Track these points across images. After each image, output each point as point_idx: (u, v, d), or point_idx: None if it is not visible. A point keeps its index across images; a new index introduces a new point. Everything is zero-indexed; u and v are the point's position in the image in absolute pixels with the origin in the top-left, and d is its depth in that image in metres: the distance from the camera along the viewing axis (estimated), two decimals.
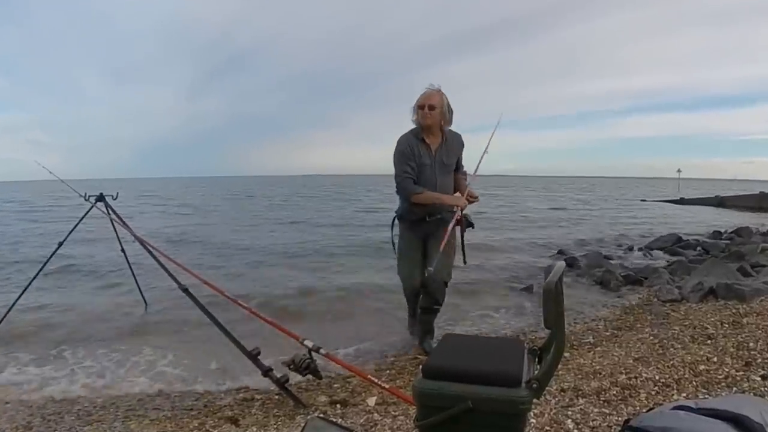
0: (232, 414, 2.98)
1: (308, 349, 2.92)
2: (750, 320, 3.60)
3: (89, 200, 4.69)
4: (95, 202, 4.69)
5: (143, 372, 3.84)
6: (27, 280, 4.88)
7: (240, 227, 14.88)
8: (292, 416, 2.84)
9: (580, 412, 2.11)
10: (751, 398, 1.78)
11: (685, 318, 4.23)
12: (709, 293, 4.99)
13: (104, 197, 4.72)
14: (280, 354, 3.53)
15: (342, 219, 17.48)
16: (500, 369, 1.39)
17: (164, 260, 3.90)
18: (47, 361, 4.06)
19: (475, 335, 3.81)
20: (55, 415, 3.13)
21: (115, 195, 4.86)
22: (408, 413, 2.47)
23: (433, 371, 1.42)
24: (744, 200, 24.63)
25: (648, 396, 2.32)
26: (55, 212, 19.57)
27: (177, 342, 4.45)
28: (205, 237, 12.07)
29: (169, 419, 2.96)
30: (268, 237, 12.33)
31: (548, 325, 1.40)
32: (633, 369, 2.73)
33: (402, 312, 4.59)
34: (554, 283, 1.33)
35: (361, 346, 4.29)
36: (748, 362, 2.62)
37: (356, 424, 2.40)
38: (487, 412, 1.31)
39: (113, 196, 4.82)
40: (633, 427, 1.32)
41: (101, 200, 4.71)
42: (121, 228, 4.74)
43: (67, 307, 5.76)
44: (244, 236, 12.25)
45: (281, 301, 5.99)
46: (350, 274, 7.81)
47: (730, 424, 1.21)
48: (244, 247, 10.42)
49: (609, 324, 4.58)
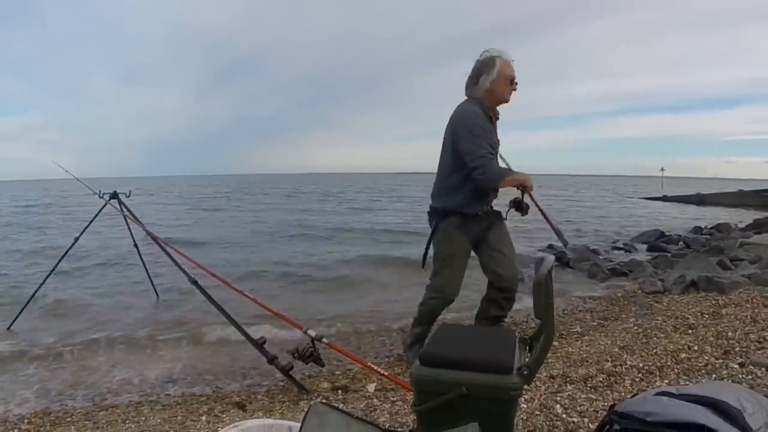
0: (239, 400, 2.98)
1: (311, 339, 2.93)
2: (729, 311, 3.61)
3: (103, 197, 4.69)
4: (109, 199, 4.69)
5: (154, 360, 3.84)
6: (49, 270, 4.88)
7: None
8: (296, 402, 2.85)
9: (568, 397, 2.11)
10: (730, 385, 1.79)
11: (668, 309, 4.24)
12: (691, 285, 5.00)
13: (118, 194, 4.71)
14: (285, 343, 3.54)
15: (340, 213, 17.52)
16: (493, 357, 1.40)
17: (174, 254, 3.90)
18: (63, 349, 4.06)
19: (470, 325, 3.81)
20: (71, 401, 3.14)
21: (128, 192, 4.85)
22: (406, 399, 2.47)
23: (429, 359, 1.42)
24: (724, 198, 24.64)
25: (632, 382, 2.33)
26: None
27: (186, 332, 4.45)
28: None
29: (180, 405, 2.96)
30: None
31: (538, 316, 1.40)
32: (618, 357, 2.74)
33: (398, 305, 4.56)
34: (544, 276, 1.34)
35: (361, 336, 4.30)
36: (727, 351, 2.63)
37: (357, 409, 2.41)
38: (480, 397, 1.32)
39: (126, 193, 4.81)
40: (618, 412, 1.33)
41: (115, 197, 4.70)
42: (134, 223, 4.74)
43: (81, 297, 5.77)
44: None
45: (285, 292, 6.02)
46: (353, 265, 7.83)
47: (710, 408, 1.22)
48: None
49: (596, 314, 4.59)
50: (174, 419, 2.59)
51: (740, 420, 1.19)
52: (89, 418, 2.80)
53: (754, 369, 2.28)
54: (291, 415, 2.57)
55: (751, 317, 3.25)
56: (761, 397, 1.39)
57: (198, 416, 2.64)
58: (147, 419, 2.67)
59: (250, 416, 2.65)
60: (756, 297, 3.98)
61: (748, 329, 2.95)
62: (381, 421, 2.15)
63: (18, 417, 2.87)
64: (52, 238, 11.04)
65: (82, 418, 2.81)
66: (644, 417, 1.25)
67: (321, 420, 1.27)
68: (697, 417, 1.18)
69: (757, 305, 3.67)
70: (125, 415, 2.80)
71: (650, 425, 1.23)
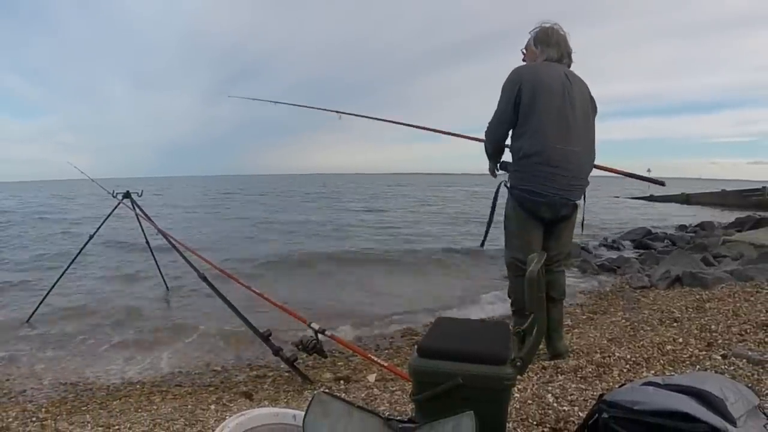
0: (246, 389, 2.99)
1: (314, 331, 2.93)
2: (712, 305, 3.61)
3: (116, 197, 4.69)
4: (122, 198, 4.69)
5: (165, 352, 3.85)
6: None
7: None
8: (300, 391, 2.85)
9: (559, 387, 2.11)
10: (713, 375, 1.79)
11: (654, 303, 4.24)
12: (676, 281, 5.00)
13: (130, 194, 4.71)
14: (289, 335, 3.54)
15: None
16: (488, 349, 1.40)
17: (184, 250, 3.90)
18: (77, 340, 4.07)
19: (465, 318, 3.82)
20: (87, 391, 3.15)
21: (140, 192, 4.85)
22: (405, 389, 2.47)
23: (427, 351, 1.42)
24: (708, 197, 24.64)
25: (620, 373, 2.32)
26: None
27: (196, 325, 4.46)
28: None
29: (190, 394, 2.97)
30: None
31: (531, 310, 1.40)
32: (607, 349, 2.74)
33: (398, 300, 4.56)
34: (536, 272, 1.34)
35: (362, 328, 4.30)
36: (710, 343, 2.63)
37: (358, 399, 2.40)
38: (475, 387, 1.32)
39: (138, 193, 4.81)
40: (607, 401, 1.33)
41: (128, 197, 4.70)
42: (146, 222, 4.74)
43: (94, 291, 5.77)
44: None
45: (289, 286, 6.02)
46: (357, 261, 7.84)
47: (694, 398, 1.22)
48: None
49: (585, 308, 4.59)
50: (184, 408, 2.59)
51: (723, 409, 1.19)
52: (103, 407, 2.80)
53: (735, 360, 2.27)
54: (295, 404, 2.57)
55: (733, 311, 3.25)
56: (743, 387, 1.39)
57: (207, 405, 2.64)
58: (158, 408, 2.67)
59: (256, 405, 2.66)
60: (738, 292, 3.98)
61: (730, 323, 2.95)
62: (381, 409, 2.15)
63: (36, 406, 2.88)
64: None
65: (96, 407, 2.81)
66: (631, 406, 1.25)
67: (324, 409, 1.27)
68: (682, 406, 1.18)
69: (738, 300, 3.67)
70: (138, 404, 2.80)
71: (637, 413, 1.23)
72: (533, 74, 2.43)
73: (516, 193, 2.50)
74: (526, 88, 2.37)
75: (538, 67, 2.49)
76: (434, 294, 5.72)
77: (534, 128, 2.38)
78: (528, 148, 2.40)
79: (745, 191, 23.14)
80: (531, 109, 2.37)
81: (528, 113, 2.38)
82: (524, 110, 2.39)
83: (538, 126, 2.37)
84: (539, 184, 2.41)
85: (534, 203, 2.46)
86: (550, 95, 2.37)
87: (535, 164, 2.39)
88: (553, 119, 2.37)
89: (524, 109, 2.39)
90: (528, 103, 2.37)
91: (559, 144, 2.37)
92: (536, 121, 2.37)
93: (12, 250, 9.06)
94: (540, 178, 2.40)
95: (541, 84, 2.38)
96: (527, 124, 2.40)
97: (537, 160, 2.39)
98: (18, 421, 2.57)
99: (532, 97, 2.36)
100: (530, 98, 2.36)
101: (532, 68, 2.49)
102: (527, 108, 2.38)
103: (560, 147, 2.38)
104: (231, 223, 14.63)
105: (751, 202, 20.34)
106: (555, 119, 2.38)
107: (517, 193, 2.49)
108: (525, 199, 2.47)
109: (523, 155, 2.42)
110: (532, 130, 2.39)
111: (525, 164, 2.43)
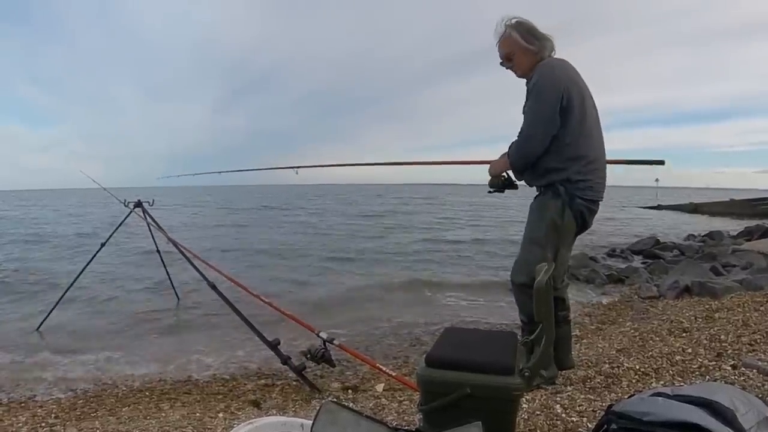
0: (254, 398, 2.98)
1: (323, 340, 2.93)
2: (721, 315, 3.56)
3: (128, 206, 4.73)
4: (134, 207, 4.73)
5: (174, 360, 3.85)
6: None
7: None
8: (308, 400, 2.84)
9: (567, 398, 2.09)
10: (723, 386, 1.77)
11: (663, 313, 4.20)
12: (685, 291, 4.95)
13: (141, 203, 4.75)
14: (298, 344, 3.54)
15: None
16: (495, 359, 1.39)
17: (194, 260, 3.92)
18: (86, 348, 4.09)
19: (473, 328, 3.79)
20: (96, 398, 3.16)
21: (151, 201, 4.89)
22: (412, 399, 2.46)
23: (435, 361, 1.42)
24: (716, 206, 24.42)
25: (629, 384, 2.30)
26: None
27: (204, 333, 4.47)
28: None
29: (198, 402, 2.97)
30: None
31: (539, 319, 1.40)
32: (616, 359, 2.71)
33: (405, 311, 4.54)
34: (544, 282, 1.33)
35: (370, 338, 4.29)
36: (720, 353, 2.59)
37: (366, 408, 2.40)
38: (483, 397, 1.32)
39: (149, 202, 4.85)
40: (616, 412, 1.32)
41: (139, 206, 4.74)
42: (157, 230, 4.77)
43: (105, 299, 5.81)
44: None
45: (298, 296, 6.02)
46: (363, 272, 7.83)
47: (704, 409, 1.20)
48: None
49: (594, 318, 4.55)
50: (193, 416, 2.59)
51: (733, 420, 1.17)
52: (113, 413, 2.81)
53: (745, 371, 2.25)
54: (303, 413, 2.57)
55: (743, 321, 3.21)
56: (753, 397, 1.37)
57: (215, 413, 2.64)
58: (167, 415, 2.68)
59: (264, 413, 2.65)
60: (747, 301, 3.93)
61: (740, 332, 2.91)
62: (389, 419, 2.14)
63: (46, 411, 2.89)
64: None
65: (106, 413, 2.82)
66: (641, 417, 1.24)
67: (332, 418, 1.27)
68: (692, 417, 1.17)
69: (748, 309, 3.62)
70: (146, 411, 2.81)
71: (646, 425, 1.22)
72: (566, 74, 2.27)
73: (578, 202, 2.28)
74: (573, 92, 2.22)
75: (563, 64, 2.32)
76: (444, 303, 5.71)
77: (588, 132, 2.26)
78: (589, 153, 2.26)
79: (754, 200, 22.95)
80: (582, 113, 2.23)
81: (580, 118, 2.23)
82: (575, 114, 2.22)
83: (590, 130, 2.27)
84: (597, 192, 2.31)
85: (591, 213, 2.33)
86: (587, 95, 2.28)
87: (595, 170, 2.29)
88: (594, 122, 2.30)
89: (574, 113, 2.22)
90: (578, 105, 2.22)
91: (601, 148, 2.33)
92: (588, 124, 2.26)
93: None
94: (599, 185, 2.31)
95: (577, 84, 2.26)
96: (582, 128, 2.24)
97: (597, 166, 2.29)
98: (28, 426, 2.59)
99: (579, 99, 2.23)
100: (579, 101, 2.23)
101: (561, 67, 2.29)
102: (578, 111, 2.22)
103: (602, 151, 2.34)
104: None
105: (760, 211, 20.15)
106: (595, 121, 2.31)
107: (580, 203, 2.28)
108: (585, 209, 2.29)
109: (587, 162, 2.26)
110: (586, 134, 2.26)
111: (587, 171, 2.26)
